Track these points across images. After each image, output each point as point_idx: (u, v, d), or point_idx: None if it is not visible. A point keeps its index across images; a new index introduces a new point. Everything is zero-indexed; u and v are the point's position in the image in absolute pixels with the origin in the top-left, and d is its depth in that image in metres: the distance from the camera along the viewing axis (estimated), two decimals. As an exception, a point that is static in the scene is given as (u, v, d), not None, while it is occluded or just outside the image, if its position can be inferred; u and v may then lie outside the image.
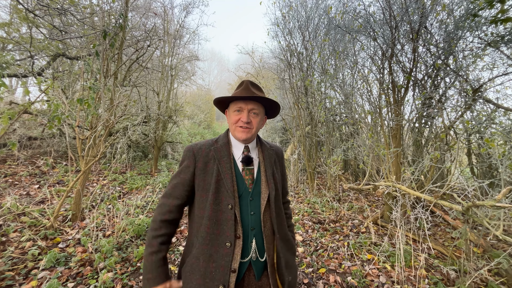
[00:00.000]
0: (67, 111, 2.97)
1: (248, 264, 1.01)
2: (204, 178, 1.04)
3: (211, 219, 0.99)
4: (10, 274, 2.03)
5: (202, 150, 1.08)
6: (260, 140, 1.19)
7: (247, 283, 1.02)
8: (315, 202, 4.44)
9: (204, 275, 0.96)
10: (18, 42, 4.79)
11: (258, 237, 1.03)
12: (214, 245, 0.98)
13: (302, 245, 3.04)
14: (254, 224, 1.03)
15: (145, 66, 6.28)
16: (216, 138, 1.14)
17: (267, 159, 1.13)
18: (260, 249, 1.03)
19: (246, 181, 1.06)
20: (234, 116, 1.07)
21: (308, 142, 5.29)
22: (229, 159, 1.06)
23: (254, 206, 1.04)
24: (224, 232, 0.98)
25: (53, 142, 5.77)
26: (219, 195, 1.01)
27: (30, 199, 3.38)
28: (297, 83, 5.06)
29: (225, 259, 0.96)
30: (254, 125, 1.07)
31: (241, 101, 1.06)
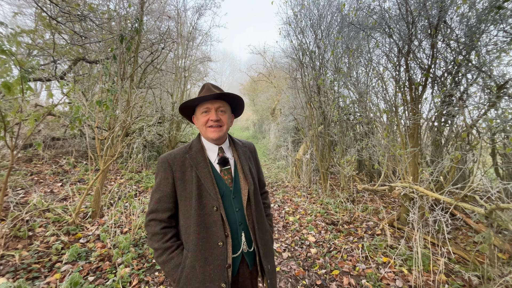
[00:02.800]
0: (87, 113, 3.11)
1: (241, 256, 1.08)
2: (185, 187, 1.05)
3: (199, 224, 1.01)
4: (36, 266, 2.15)
5: (177, 160, 1.08)
6: (233, 139, 1.23)
7: (242, 273, 1.10)
8: (328, 203, 4.37)
9: (203, 280, 0.98)
10: (42, 48, 5.06)
11: (245, 231, 1.10)
12: (208, 248, 1.00)
13: (315, 246, 3.01)
14: (241, 219, 1.09)
15: (160, 68, 6.45)
16: (189, 144, 1.15)
17: (242, 157, 1.17)
18: (248, 241, 1.10)
19: (226, 181, 1.10)
20: (203, 117, 1.09)
21: (321, 142, 5.21)
22: (206, 164, 1.08)
23: (238, 203, 1.10)
24: (214, 233, 1.02)
25: (74, 142, 6.05)
26: (202, 200, 1.03)
27: (54, 197, 3.56)
28: (309, 82, 5.01)
29: (220, 257, 1.01)
30: (224, 122, 1.10)
31: (207, 102, 1.09)
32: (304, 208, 4.30)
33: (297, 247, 3.02)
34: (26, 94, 2.18)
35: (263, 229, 1.15)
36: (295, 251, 2.91)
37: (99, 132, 3.76)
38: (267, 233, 1.18)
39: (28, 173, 4.35)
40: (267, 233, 1.17)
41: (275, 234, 3.37)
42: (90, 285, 1.96)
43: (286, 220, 3.84)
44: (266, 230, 1.17)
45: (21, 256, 2.21)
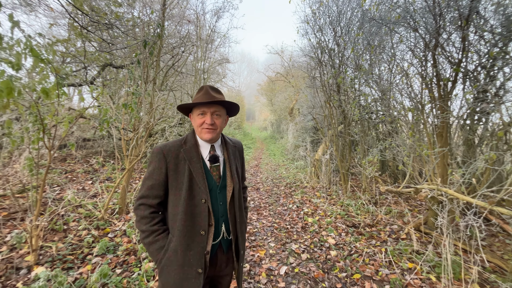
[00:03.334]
0: (114, 115, 3.31)
1: (219, 243, 1.20)
2: (177, 178, 1.13)
3: (186, 213, 1.10)
4: (70, 257, 2.33)
5: (172, 152, 1.14)
6: (225, 139, 1.31)
7: (220, 257, 1.21)
8: (348, 205, 4.25)
9: (183, 264, 1.08)
10: (74, 55, 5.46)
11: (226, 222, 1.21)
12: (191, 235, 1.10)
13: (335, 248, 2.94)
14: (223, 212, 1.19)
15: (180, 71, 6.66)
16: (184, 138, 1.21)
17: (231, 156, 1.26)
18: (227, 231, 1.21)
19: (214, 177, 1.19)
20: (199, 119, 1.16)
21: (341, 142, 5.08)
22: (199, 159, 1.16)
23: (222, 197, 1.20)
24: (198, 223, 1.11)
25: (103, 143, 6.45)
26: (192, 192, 1.12)
27: (85, 193, 3.83)
28: (328, 80, 4.90)
29: (201, 245, 1.10)
30: (218, 126, 1.18)
31: (203, 106, 1.15)
32: (323, 210, 4.22)
33: (317, 248, 2.97)
34: (61, 99, 2.36)
35: (241, 220, 1.28)
36: (314, 253, 2.86)
37: (125, 133, 3.98)
38: (244, 224, 1.32)
39: (63, 171, 4.71)
40: (243, 224, 1.31)
41: (294, 234, 3.34)
42: (118, 277, 2.08)
43: (305, 221, 3.79)
44: (243, 221, 1.30)
45: (57, 248, 2.40)
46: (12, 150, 4.37)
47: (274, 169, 8.27)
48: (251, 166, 8.96)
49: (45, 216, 2.60)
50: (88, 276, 2.06)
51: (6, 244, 2.34)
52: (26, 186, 3.43)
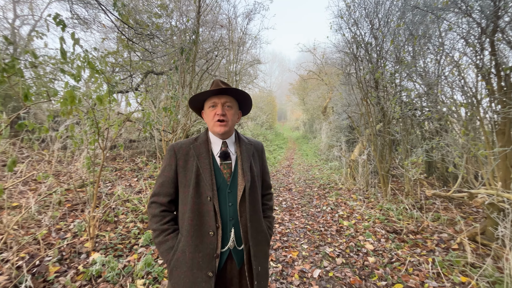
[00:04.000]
0: (155, 118, 3.60)
1: (228, 252, 1.07)
2: (185, 175, 1.09)
3: (193, 211, 1.04)
4: (120, 246, 2.60)
5: (182, 149, 1.13)
6: (239, 136, 1.23)
7: (230, 270, 1.08)
8: (389, 209, 3.95)
9: (192, 266, 1.01)
10: (122, 65, 6.07)
11: (236, 227, 1.08)
12: (199, 235, 1.03)
13: (373, 254, 2.76)
14: (232, 215, 1.08)
15: (214, 74, 6.94)
16: (197, 136, 1.19)
17: (244, 153, 1.17)
18: (238, 239, 1.08)
19: (225, 175, 1.11)
20: (210, 112, 1.12)
21: (380, 141, 4.75)
22: (208, 155, 1.11)
23: (232, 198, 1.09)
24: (206, 222, 1.04)
25: (146, 144, 7.04)
26: (199, 189, 1.06)
27: (132, 189, 4.23)
28: (365, 76, 4.63)
29: (210, 246, 1.03)
30: (229, 118, 1.12)
31: (214, 97, 1.12)
32: (360, 213, 3.99)
33: (353, 253, 2.82)
34: (112, 105, 2.65)
35: (257, 229, 1.12)
36: (350, 258, 2.73)
37: (165, 134, 4.30)
38: (262, 234, 1.15)
39: (113, 169, 5.27)
40: (261, 234, 1.15)
41: (328, 237, 3.23)
42: (159, 267, 2.25)
43: (340, 224, 3.64)
44: (261, 231, 1.14)
45: (109, 237, 2.70)
46: (74, 150, 5.03)
47: (307, 170, 8.09)
48: (282, 166, 8.90)
49: (100, 209, 2.94)
50: (135, 264, 2.28)
51: (70, 231, 2.71)
52: (85, 181, 3.93)
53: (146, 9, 5.20)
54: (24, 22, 7.35)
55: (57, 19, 1.93)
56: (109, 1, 5.30)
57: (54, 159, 4.41)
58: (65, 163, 4.78)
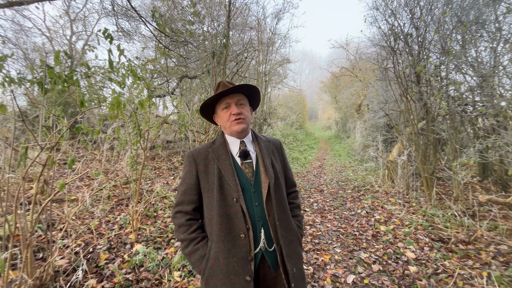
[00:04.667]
0: (189, 120, 3.80)
1: (260, 255, 1.02)
2: (207, 179, 1.07)
3: (221, 215, 1.00)
4: (159, 239, 2.80)
5: (201, 154, 1.11)
6: (256, 135, 1.21)
7: (263, 274, 1.03)
8: (434, 215, 3.59)
9: (227, 272, 0.96)
10: (159, 71, 6.53)
11: (265, 227, 1.04)
12: (230, 239, 0.99)
13: (414, 263, 2.54)
14: (260, 215, 1.04)
15: (244, 75, 7.07)
16: (213, 140, 1.17)
17: (264, 150, 1.14)
18: (268, 239, 1.04)
19: (247, 174, 1.08)
20: (224, 113, 1.11)
21: (423, 141, 4.34)
22: (228, 156, 1.09)
23: (257, 197, 1.06)
24: (236, 225, 1.00)
25: (181, 144, 7.47)
26: (223, 191, 1.03)
27: (169, 187, 4.52)
28: (404, 70, 4.28)
29: (243, 249, 0.98)
30: (245, 115, 1.10)
31: (226, 98, 1.10)
32: (400, 218, 3.70)
33: (391, 261, 2.63)
34: (151, 108, 2.88)
35: (287, 227, 1.08)
36: (388, 265, 2.55)
37: (198, 135, 4.51)
38: (292, 232, 1.10)
39: (152, 168, 5.69)
40: (292, 232, 1.09)
41: (363, 242, 3.06)
42: (194, 262, 2.38)
43: (377, 229, 3.42)
44: (290, 230, 1.10)
45: (150, 231, 2.93)
46: (120, 150, 5.56)
47: (340, 171, 7.76)
48: (313, 167, 8.68)
49: (142, 204, 3.21)
50: (172, 257, 2.43)
51: (117, 223, 3.01)
52: (129, 179, 4.32)
53: (180, 17, 5.51)
54: (79, 37, 8.37)
55: (106, 33, 2.16)
56: (148, 13, 5.75)
57: (104, 158, 4.93)
58: (113, 162, 5.31)
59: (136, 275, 2.16)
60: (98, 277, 2.08)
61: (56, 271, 1.99)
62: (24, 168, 1.51)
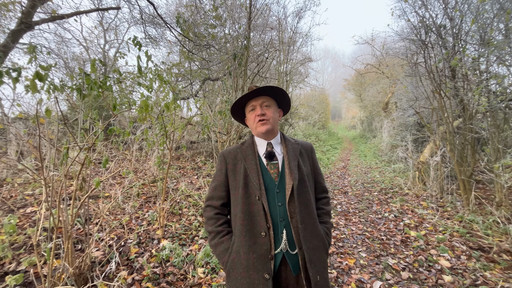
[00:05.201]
0: (212, 121, 3.90)
1: (281, 256, 1.02)
2: (235, 178, 1.14)
3: (244, 212, 1.05)
4: (183, 236, 2.91)
5: (231, 154, 1.19)
6: (284, 137, 1.24)
7: (285, 277, 1.03)
8: (472, 221, 3.30)
9: (247, 267, 1.00)
10: (183, 74, 6.79)
11: (287, 229, 1.04)
12: (252, 236, 1.03)
13: (450, 272, 2.36)
14: (283, 215, 1.05)
15: (264, 76, 7.08)
16: (244, 141, 1.24)
17: (290, 152, 1.16)
18: (290, 241, 1.03)
19: (272, 175, 1.11)
20: (251, 115, 1.17)
21: (459, 140, 4.01)
22: (254, 156, 1.14)
23: (281, 198, 1.07)
24: (257, 222, 1.03)
25: (204, 145, 7.69)
26: (248, 190, 1.08)
27: (192, 186, 4.68)
28: (437, 65, 3.98)
29: (264, 247, 1.01)
30: (269, 116, 1.14)
31: (251, 101, 1.17)
32: (432, 223, 3.45)
33: (422, 269, 2.46)
34: (176, 110, 3.01)
35: (312, 231, 1.06)
36: (419, 273, 2.39)
37: (220, 136, 4.61)
38: (318, 238, 1.08)
39: (177, 167, 5.93)
40: (317, 238, 1.08)
41: (391, 247, 2.90)
42: (216, 259, 2.43)
43: (406, 234, 3.22)
44: (316, 235, 1.08)
45: (175, 227, 3.06)
46: (148, 151, 5.88)
47: (365, 172, 7.44)
48: (337, 168, 8.42)
49: (168, 202, 3.36)
50: (196, 254, 2.52)
51: (146, 219, 3.18)
52: (156, 177, 4.54)
53: (203, 21, 5.68)
54: (111, 46, 9.00)
55: (135, 41, 2.30)
56: (173, 19, 6.01)
57: (133, 158, 5.25)
58: (141, 162, 5.63)
59: (163, 269, 2.27)
60: (129, 269, 2.22)
61: (92, 261, 2.16)
62: (65, 166, 1.67)
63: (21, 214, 2.84)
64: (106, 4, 7.00)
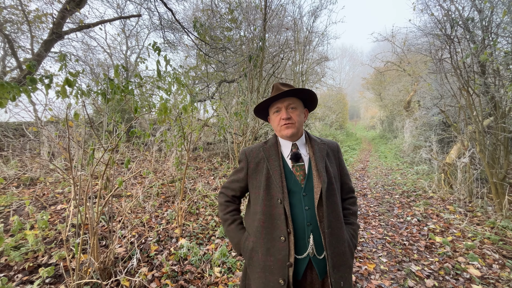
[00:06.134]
0: (228, 123, 3.95)
1: (308, 261, 1.00)
2: (256, 177, 1.11)
3: (265, 213, 1.03)
4: (201, 235, 2.97)
5: (253, 152, 1.16)
6: (310, 137, 1.18)
7: (310, 281, 1.01)
8: (506, 227, 3.06)
9: (264, 268, 1.00)
10: (200, 77, 6.94)
11: (315, 233, 1.01)
12: (270, 239, 1.01)
13: (480, 282, 2.20)
14: (310, 220, 1.01)
15: (280, 77, 7.05)
16: (267, 140, 1.20)
17: (317, 153, 1.10)
18: (318, 246, 1.00)
19: (298, 177, 1.06)
20: (275, 117, 1.12)
21: (490, 141, 3.74)
22: (278, 157, 1.10)
23: (308, 201, 1.03)
24: (278, 226, 1.01)
25: (221, 146, 7.80)
26: (270, 191, 1.05)
27: (209, 186, 4.77)
28: (464, 60, 3.74)
29: (282, 253, 0.98)
30: (295, 119, 1.09)
31: (277, 102, 1.11)
32: (460, 229, 3.25)
33: (449, 277, 2.32)
34: (194, 112, 3.08)
35: (338, 235, 1.02)
36: (445, 282, 2.25)
37: (236, 137, 4.65)
38: (344, 243, 1.04)
39: (195, 168, 6.07)
40: (343, 242, 1.04)
41: (414, 253, 2.76)
42: (233, 259, 2.45)
43: (431, 239, 3.05)
44: (342, 239, 1.03)
45: (193, 227, 3.13)
46: (167, 152, 6.07)
47: (386, 174, 7.15)
48: (356, 169, 8.17)
49: (185, 202, 3.45)
50: (213, 253, 2.56)
51: (165, 218, 3.29)
52: (174, 178, 4.68)
53: (219, 24, 5.78)
54: (132, 51, 9.42)
55: (155, 46, 2.40)
56: (190, 24, 6.17)
57: (153, 159, 5.44)
58: (160, 162, 5.83)
59: (181, 267, 2.33)
60: (149, 266, 2.30)
61: (115, 257, 2.27)
62: (91, 166, 1.77)
63: (52, 210, 3.05)
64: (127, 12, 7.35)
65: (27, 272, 2.02)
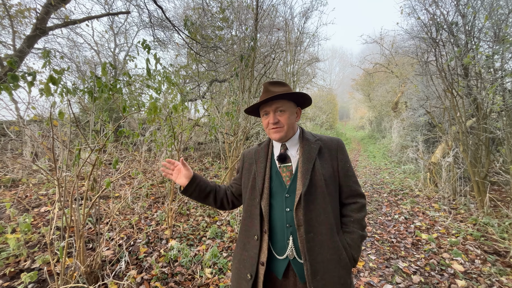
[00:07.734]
0: (219, 122, 3.92)
1: (287, 263, 1.00)
2: (248, 177, 1.16)
3: (246, 212, 1.11)
4: (191, 237, 2.94)
5: (249, 154, 1.21)
6: (304, 135, 1.13)
7: (294, 283, 1.01)
8: (487, 224, 3.19)
9: (239, 261, 1.08)
10: (191, 76, 6.86)
11: (294, 236, 1.00)
12: (247, 235, 1.08)
13: (463, 277, 2.29)
14: (290, 221, 1.01)
15: (271, 77, 7.07)
16: (263, 141, 1.23)
17: (305, 154, 1.06)
18: (297, 249, 1.00)
19: (284, 178, 1.07)
20: (264, 120, 1.11)
21: (472, 141, 3.89)
22: (265, 159, 1.13)
23: (290, 203, 1.02)
24: (254, 225, 1.05)
25: (212, 146, 7.74)
26: (253, 192, 1.09)
27: (200, 187, 4.72)
28: (449, 63, 3.88)
29: (253, 250, 1.03)
30: (284, 123, 1.06)
31: (265, 105, 1.08)
32: (445, 226, 3.36)
33: (434, 272, 2.40)
34: (184, 112, 3.04)
35: (323, 242, 0.96)
36: (431, 277, 2.33)
37: (227, 137, 4.63)
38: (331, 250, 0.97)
39: (185, 168, 6.00)
40: (330, 250, 0.96)
41: (401, 250, 2.84)
42: (224, 260, 2.44)
43: (417, 237, 3.15)
44: (329, 247, 0.97)
45: (183, 228, 3.09)
46: (157, 152, 5.97)
47: (374, 173, 7.32)
48: (345, 168, 8.29)
49: (176, 202, 3.40)
50: (203, 254, 2.53)
51: (154, 220, 3.23)
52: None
53: (210, 23, 5.74)
54: (121, 49, 9.20)
55: (144, 44, 2.35)
56: (181, 22, 6.09)
57: (142, 159, 5.34)
58: (150, 162, 5.72)
59: (171, 269, 2.29)
60: (138, 269, 2.25)
61: (103, 260, 2.21)
62: (77, 167, 1.71)
63: (36, 213, 2.93)
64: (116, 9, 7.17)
65: (8, 278, 1.93)
